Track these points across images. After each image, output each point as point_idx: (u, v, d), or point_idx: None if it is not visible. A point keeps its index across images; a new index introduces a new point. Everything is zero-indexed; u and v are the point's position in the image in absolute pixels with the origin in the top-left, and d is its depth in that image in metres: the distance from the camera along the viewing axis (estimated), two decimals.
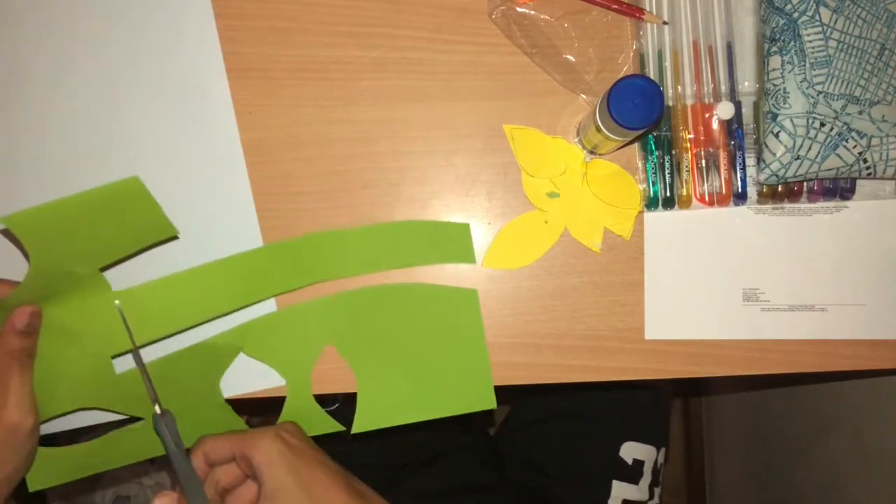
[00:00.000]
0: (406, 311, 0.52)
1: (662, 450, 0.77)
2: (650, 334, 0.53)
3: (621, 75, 0.49)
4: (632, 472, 0.73)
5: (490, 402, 0.52)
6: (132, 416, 0.51)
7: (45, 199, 0.51)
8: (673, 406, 1.35)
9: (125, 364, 0.50)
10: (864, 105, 0.47)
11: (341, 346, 0.52)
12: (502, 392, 0.54)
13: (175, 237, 0.50)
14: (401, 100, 0.53)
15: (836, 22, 0.47)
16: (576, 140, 0.53)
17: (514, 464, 0.78)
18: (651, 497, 0.74)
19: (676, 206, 0.52)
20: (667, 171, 0.52)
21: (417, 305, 0.52)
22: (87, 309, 0.47)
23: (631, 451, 0.74)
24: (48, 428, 0.50)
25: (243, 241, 0.52)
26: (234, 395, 0.52)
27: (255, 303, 0.51)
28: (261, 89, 0.52)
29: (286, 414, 0.52)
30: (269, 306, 0.52)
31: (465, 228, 0.53)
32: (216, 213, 0.52)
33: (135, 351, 0.48)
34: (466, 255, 0.53)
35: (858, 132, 0.47)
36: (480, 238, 0.53)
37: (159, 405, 0.47)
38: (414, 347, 0.52)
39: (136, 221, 0.47)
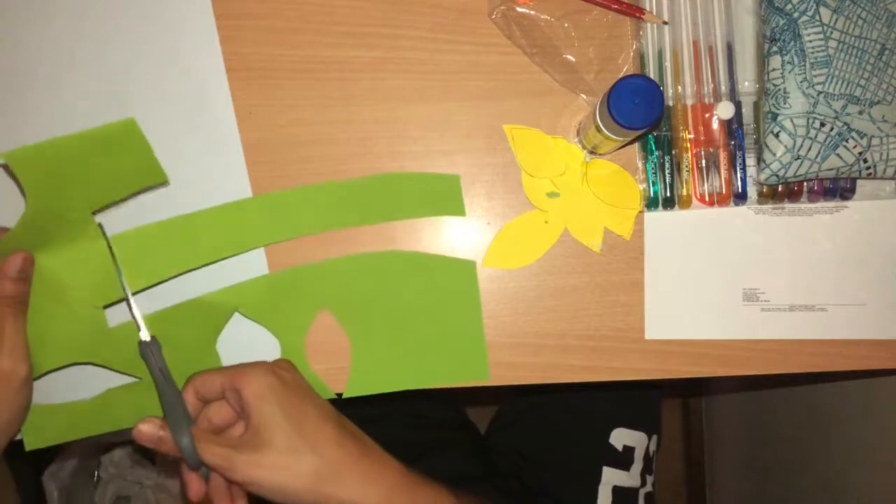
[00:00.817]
0: (403, 279, 0.52)
1: (654, 437, 0.77)
2: (650, 334, 0.53)
3: (621, 75, 0.49)
4: (622, 459, 0.73)
5: (483, 375, 0.52)
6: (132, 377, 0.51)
7: None
8: (674, 404, 1.35)
9: (119, 318, 0.50)
10: (864, 105, 0.47)
11: (336, 310, 0.52)
12: (494, 392, 0.53)
13: (165, 183, 0.51)
14: (401, 100, 0.53)
15: (836, 22, 0.47)
16: (576, 140, 0.53)
17: (505, 456, 0.78)
18: (643, 484, 0.74)
19: (676, 206, 0.52)
20: (667, 171, 0.52)
21: (415, 274, 0.52)
22: (78, 256, 0.48)
23: (621, 437, 0.74)
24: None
25: None
26: None
27: (243, 252, 0.51)
28: (261, 89, 0.52)
29: None
30: (261, 268, 0.52)
31: (454, 180, 0.53)
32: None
33: (118, 271, 0.48)
34: (456, 208, 0.53)
35: (858, 132, 0.47)
36: (480, 238, 0.53)
37: (146, 331, 0.47)
38: (409, 315, 0.52)
39: (130, 164, 0.48)
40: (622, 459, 0.73)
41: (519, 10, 0.52)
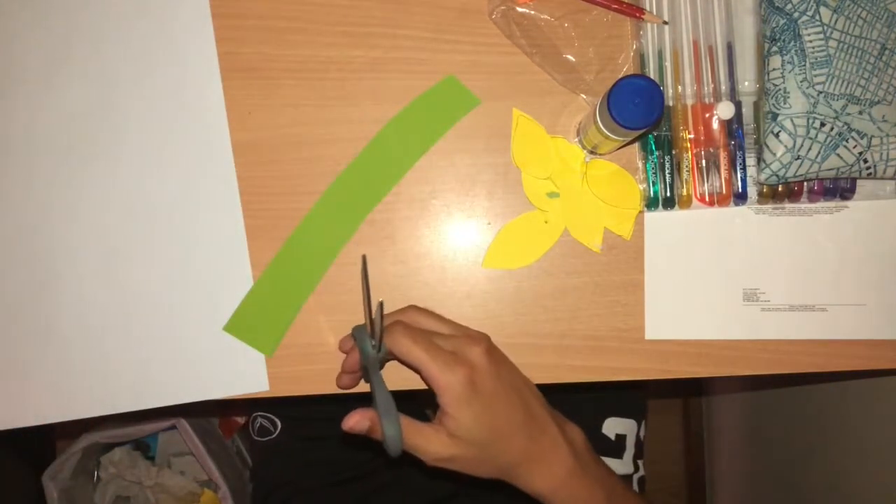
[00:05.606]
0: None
1: (643, 422, 0.78)
2: (650, 334, 0.53)
3: (621, 75, 0.49)
4: (615, 447, 0.74)
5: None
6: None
7: (36, 197, 0.53)
8: (674, 404, 1.35)
9: None
10: (864, 105, 0.47)
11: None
12: None
13: None
14: (401, 100, 0.53)
15: (836, 22, 0.47)
16: (576, 140, 0.53)
17: None
18: (636, 469, 0.75)
19: (676, 206, 0.52)
20: (667, 171, 0.52)
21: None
22: None
23: (613, 426, 0.74)
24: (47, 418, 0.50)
25: (233, 242, 0.52)
26: (235, 395, 0.52)
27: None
28: (260, 89, 0.52)
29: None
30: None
31: (451, 80, 0.53)
32: (203, 212, 0.52)
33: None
34: (468, 100, 0.53)
35: (859, 132, 0.47)
36: (480, 238, 0.53)
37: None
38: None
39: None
40: (615, 448, 0.74)
41: (519, 10, 0.52)
